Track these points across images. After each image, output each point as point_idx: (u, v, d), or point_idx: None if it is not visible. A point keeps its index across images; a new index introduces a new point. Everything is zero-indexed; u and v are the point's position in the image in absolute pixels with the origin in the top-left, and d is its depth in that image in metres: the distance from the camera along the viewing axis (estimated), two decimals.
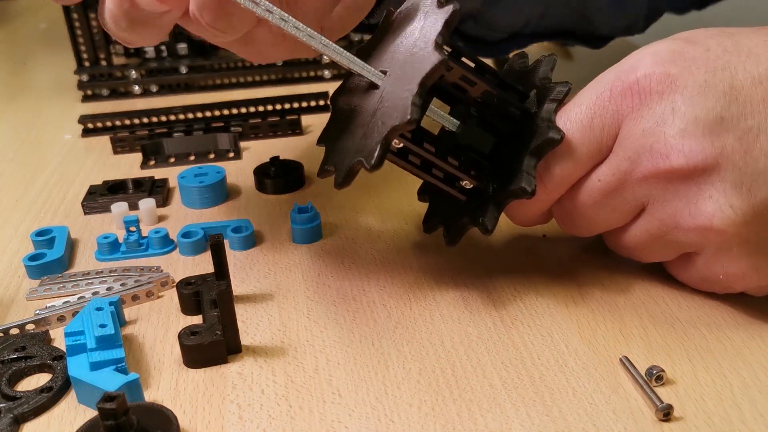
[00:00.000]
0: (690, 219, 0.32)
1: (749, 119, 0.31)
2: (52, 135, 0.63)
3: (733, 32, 0.33)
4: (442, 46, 0.31)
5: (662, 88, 0.32)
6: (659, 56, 0.32)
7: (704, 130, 0.31)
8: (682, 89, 0.31)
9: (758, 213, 0.31)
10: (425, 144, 0.34)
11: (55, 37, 0.94)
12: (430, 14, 0.33)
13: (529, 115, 0.35)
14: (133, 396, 0.31)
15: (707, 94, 0.31)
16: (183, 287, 0.37)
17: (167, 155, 0.56)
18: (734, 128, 0.31)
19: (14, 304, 0.39)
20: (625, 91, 0.32)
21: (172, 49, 0.73)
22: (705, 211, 0.31)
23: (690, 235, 0.32)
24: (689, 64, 0.32)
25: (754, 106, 0.31)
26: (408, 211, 0.46)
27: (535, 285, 0.38)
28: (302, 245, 0.43)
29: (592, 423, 0.29)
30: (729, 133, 0.31)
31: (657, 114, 0.32)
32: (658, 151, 0.32)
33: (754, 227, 0.31)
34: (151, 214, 0.46)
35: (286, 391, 0.31)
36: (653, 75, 0.32)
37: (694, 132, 0.31)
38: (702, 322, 0.34)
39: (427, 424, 0.29)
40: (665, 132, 0.31)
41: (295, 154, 0.53)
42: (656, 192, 0.32)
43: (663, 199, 0.32)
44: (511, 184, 0.34)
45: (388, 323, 0.35)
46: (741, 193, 0.31)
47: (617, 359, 0.32)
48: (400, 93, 0.31)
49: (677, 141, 0.31)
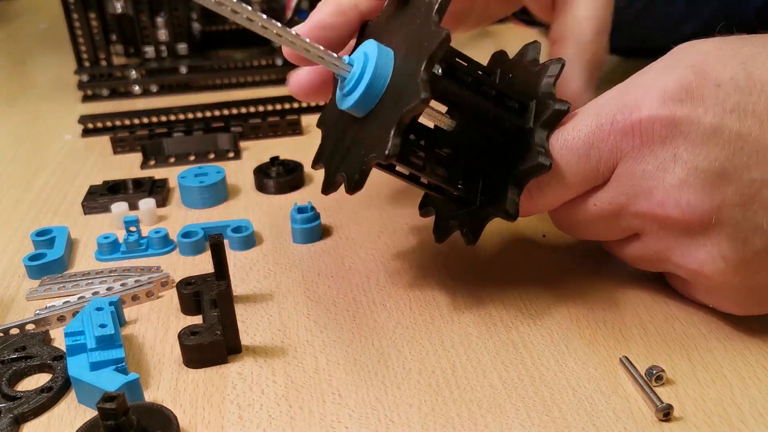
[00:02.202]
0: (682, 259, 0.32)
1: (753, 171, 0.29)
2: (52, 135, 0.63)
3: (748, 57, 0.30)
4: (441, 18, 0.30)
5: (666, 132, 0.30)
6: (667, 94, 0.30)
7: (704, 182, 0.30)
8: (686, 135, 0.30)
9: (750, 263, 0.30)
10: (415, 149, 0.33)
11: (55, 37, 0.94)
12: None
13: (524, 131, 0.33)
14: (133, 396, 0.31)
15: (711, 142, 0.29)
16: (183, 287, 0.37)
17: (167, 155, 0.56)
18: (736, 180, 0.29)
19: (14, 304, 0.39)
20: (626, 129, 0.31)
21: (172, 49, 0.73)
22: (697, 258, 0.31)
23: (681, 270, 0.33)
24: (697, 105, 0.30)
25: (760, 156, 0.29)
26: (408, 211, 0.46)
27: (535, 285, 0.38)
28: (302, 245, 0.43)
29: (592, 423, 0.29)
30: (730, 186, 0.29)
31: (658, 158, 0.31)
32: (656, 197, 0.31)
33: (743, 275, 0.31)
34: (151, 214, 0.46)
35: (286, 391, 0.31)
36: (657, 118, 0.30)
37: (694, 184, 0.30)
38: (702, 322, 0.34)
39: (427, 424, 0.29)
40: (665, 179, 0.30)
41: (295, 154, 0.53)
42: (651, 228, 0.32)
43: (658, 235, 0.32)
44: (497, 202, 0.33)
45: (388, 323, 0.35)
46: (735, 246, 0.30)
47: (617, 359, 0.32)
48: (409, 72, 0.30)
49: (675, 192, 0.30)
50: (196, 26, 0.74)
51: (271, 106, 0.63)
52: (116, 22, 0.74)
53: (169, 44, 0.72)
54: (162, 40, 0.72)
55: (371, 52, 0.31)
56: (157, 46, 0.72)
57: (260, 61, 0.73)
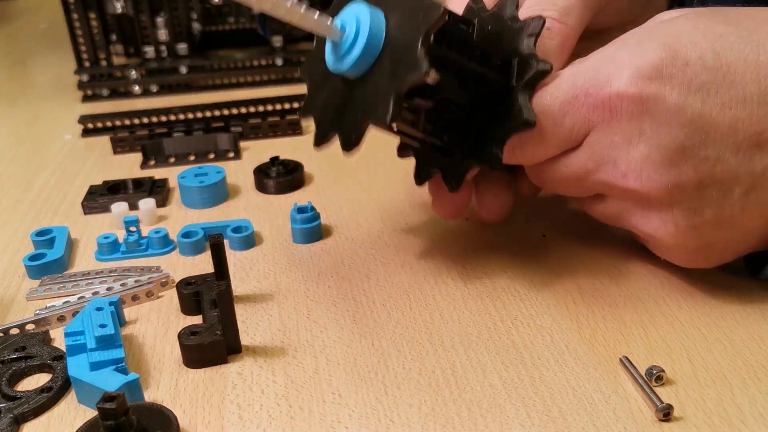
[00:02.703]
0: (638, 223, 0.35)
1: (709, 148, 0.31)
2: (52, 135, 0.63)
3: (719, 36, 0.32)
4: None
5: (633, 109, 0.32)
6: (637, 72, 0.32)
7: (665, 159, 0.32)
8: (652, 112, 0.31)
9: (699, 229, 0.33)
10: (404, 104, 0.33)
11: (55, 37, 0.94)
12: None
13: (507, 88, 0.34)
14: (133, 396, 0.31)
15: (675, 121, 0.31)
16: (183, 287, 0.37)
17: (167, 155, 0.56)
18: (693, 156, 0.31)
19: (14, 304, 0.39)
20: (597, 103, 0.33)
21: (172, 49, 0.73)
22: (652, 224, 0.34)
23: (638, 231, 0.36)
24: (665, 83, 0.31)
25: (717, 134, 0.31)
26: (408, 211, 0.46)
27: (535, 285, 0.38)
28: (302, 245, 0.43)
29: (592, 423, 0.29)
30: (687, 163, 0.31)
31: (626, 132, 0.32)
32: (620, 168, 0.33)
33: (693, 239, 0.34)
34: (151, 214, 0.46)
35: (286, 391, 0.31)
36: (626, 95, 0.32)
37: (655, 160, 0.32)
38: (702, 322, 0.34)
39: (427, 424, 0.29)
40: (629, 153, 0.32)
41: (295, 154, 0.53)
42: (613, 194, 0.35)
43: (619, 200, 0.35)
44: (479, 155, 0.35)
45: (388, 323, 0.35)
46: (687, 216, 0.33)
47: (617, 359, 0.32)
48: (406, 42, 0.30)
49: (638, 165, 0.32)
50: (196, 26, 0.74)
51: (271, 106, 0.63)
52: (116, 22, 0.74)
53: (169, 44, 0.72)
54: (162, 40, 0.72)
55: (363, 17, 0.32)
56: (157, 46, 0.72)
57: (260, 61, 0.73)
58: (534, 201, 0.46)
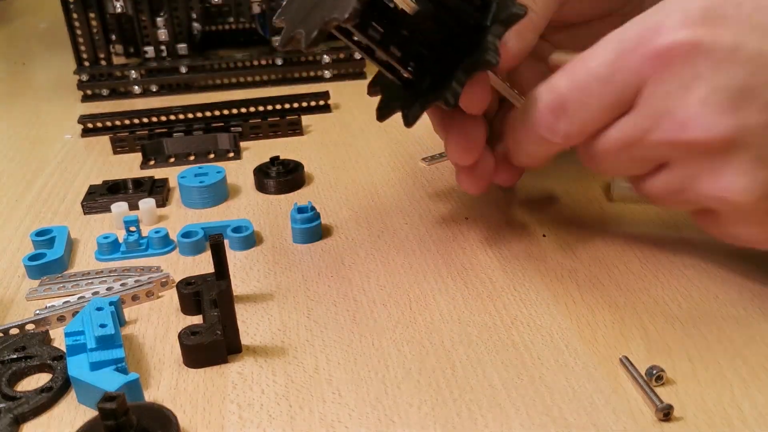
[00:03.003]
0: (709, 187, 0.32)
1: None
2: (52, 135, 0.63)
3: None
4: None
5: (687, 54, 0.30)
6: (689, 16, 0.31)
7: (726, 101, 0.30)
8: (707, 54, 0.30)
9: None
10: (374, 23, 0.34)
11: (55, 37, 0.94)
12: None
13: (480, 27, 0.34)
14: (133, 396, 0.31)
15: (733, 60, 0.30)
16: (183, 287, 0.37)
17: (167, 155, 0.56)
18: (758, 97, 0.30)
19: (14, 304, 0.39)
20: (649, 53, 0.31)
21: (172, 49, 0.73)
22: (722, 183, 0.31)
23: (709, 201, 0.33)
24: (718, 24, 0.30)
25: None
26: (408, 210, 0.46)
27: (535, 285, 0.38)
28: (302, 245, 0.43)
29: (592, 423, 0.29)
30: (751, 104, 0.30)
31: (681, 79, 0.31)
32: (678, 117, 0.31)
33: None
34: (151, 214, 0.46)
35: (286, 391, 0.31)
36: (678, 41, 0.30)
37: (716, 103, 0.30)
38: (702, 322, 0.34)
39: (427, 424, 0.29)
40: (687, 99, 0.31)
41: (295, 154, 0.53)
42: (676, 155, 0.32)
43: (683, 163, 0.32)
44: (440, 89, 0.34)
45: (388, 323, 0.35)
46: (759, 165, 0.30)
47: (617, 359, 0.32)
48: None
49: (697, 111, 0.30)
50: (196, 26, 0.74)
51: (271, 106, 0.63)
52: (116, 21, 0.74)
53: (169, 44, 0.72)
54: (162, 40, 0.72)
55: None
56: (157, 46, 0.72)
57: (260, 61, 0.73)
58: (534, 201, 0.46)
